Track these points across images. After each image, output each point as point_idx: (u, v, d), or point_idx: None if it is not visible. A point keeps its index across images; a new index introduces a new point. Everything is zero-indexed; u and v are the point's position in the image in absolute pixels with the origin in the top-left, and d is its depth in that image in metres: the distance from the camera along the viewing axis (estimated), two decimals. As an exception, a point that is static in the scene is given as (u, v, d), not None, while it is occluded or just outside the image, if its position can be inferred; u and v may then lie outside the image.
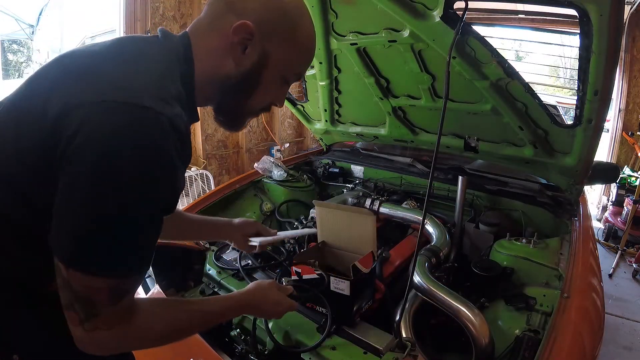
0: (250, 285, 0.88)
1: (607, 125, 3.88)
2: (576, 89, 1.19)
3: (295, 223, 1.71)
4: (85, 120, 0.51)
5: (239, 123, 0.77)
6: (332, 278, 1.02)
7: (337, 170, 2.29)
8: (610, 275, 3.15)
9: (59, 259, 0.54)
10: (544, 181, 1.72)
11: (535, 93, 1.33)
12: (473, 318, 0.98)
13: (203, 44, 0.66)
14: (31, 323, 0.63)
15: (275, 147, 4.80)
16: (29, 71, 6.47)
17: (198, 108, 0.71)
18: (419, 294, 1.12)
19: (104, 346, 0.60)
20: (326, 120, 2.18)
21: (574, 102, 1.25)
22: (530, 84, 1.31)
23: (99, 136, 0.51)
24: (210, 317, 0.76)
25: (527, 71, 1.38)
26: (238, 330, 1.15)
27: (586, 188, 1.72)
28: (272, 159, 2.05)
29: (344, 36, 1.58)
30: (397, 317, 1.03)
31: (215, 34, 0.66)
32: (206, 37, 0.67)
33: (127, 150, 0.51)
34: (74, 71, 0.59)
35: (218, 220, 1.13)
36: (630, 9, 3.76)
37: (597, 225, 4.13)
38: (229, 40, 0.65)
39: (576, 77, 1.16)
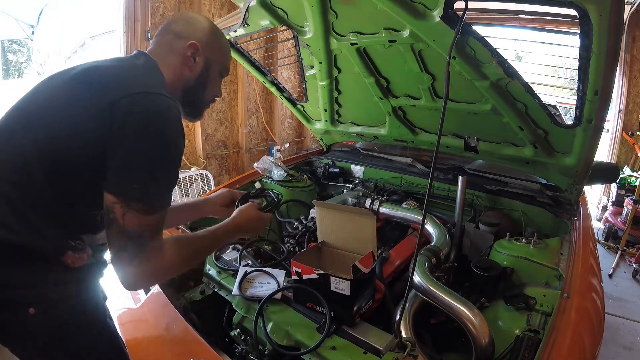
0: (235, 211, 1.12)
1: (607, 125, 3.87)
2: (576, 89, 1.19)
3: (295, 223, 1.71)
4: (132, 104, 0.78)
5: (200, 113, 1.09)
6: (332, 278, 1.02)
7: (337, 170, 2.29)
8: (610, 275, 3.15)
9: (121, 202, 0.74)
10: (544, 181, 1.72)
11: (535, 93, 1.33)
12: (473, 318, 0.98)
13: (167, 63, 0.96)
14: (48, 280, 0.75)
15: (275, 147, 4.80)
16: (29, 71, 6.46)
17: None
18: (419, 294, 1.12)
19: (151, 277, 0.82)
20: (326, 120, 2.18)
21: (574, 102, 1.25)
22: (530, 84, 1.31)
23: (145, 110, 0.78)
24: (216, 243, 1.05)
25: (527, 71, 1.37)
26: (238, 330, 1.15)
27: (586, 188, 1.72)
28: (272, 159, 2.05)
29: (344, 36, 1.58)
30: (397, 317, 1.02)
31: (174, 54, 0.97)
32: (168, 58, 0.97)
33: (164, 118, 0.80)
34: (108, 78, 0.85)
35: (198, 200, 1.34)
36: (630, 9, 3.76)
37: (597, 225, 4.13)
38: (185, 56, 0.97)
39: (576, 77, 1.16)
